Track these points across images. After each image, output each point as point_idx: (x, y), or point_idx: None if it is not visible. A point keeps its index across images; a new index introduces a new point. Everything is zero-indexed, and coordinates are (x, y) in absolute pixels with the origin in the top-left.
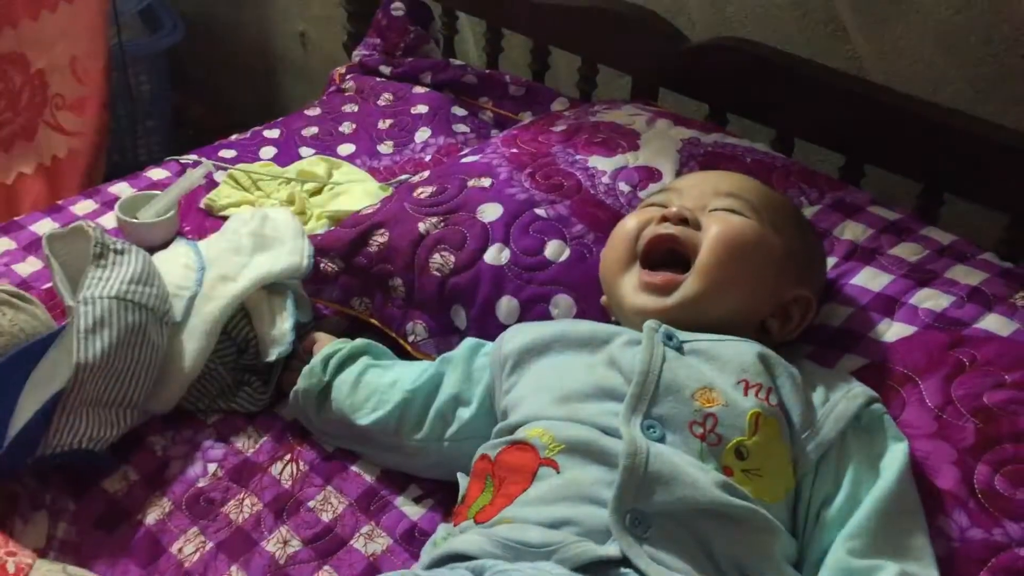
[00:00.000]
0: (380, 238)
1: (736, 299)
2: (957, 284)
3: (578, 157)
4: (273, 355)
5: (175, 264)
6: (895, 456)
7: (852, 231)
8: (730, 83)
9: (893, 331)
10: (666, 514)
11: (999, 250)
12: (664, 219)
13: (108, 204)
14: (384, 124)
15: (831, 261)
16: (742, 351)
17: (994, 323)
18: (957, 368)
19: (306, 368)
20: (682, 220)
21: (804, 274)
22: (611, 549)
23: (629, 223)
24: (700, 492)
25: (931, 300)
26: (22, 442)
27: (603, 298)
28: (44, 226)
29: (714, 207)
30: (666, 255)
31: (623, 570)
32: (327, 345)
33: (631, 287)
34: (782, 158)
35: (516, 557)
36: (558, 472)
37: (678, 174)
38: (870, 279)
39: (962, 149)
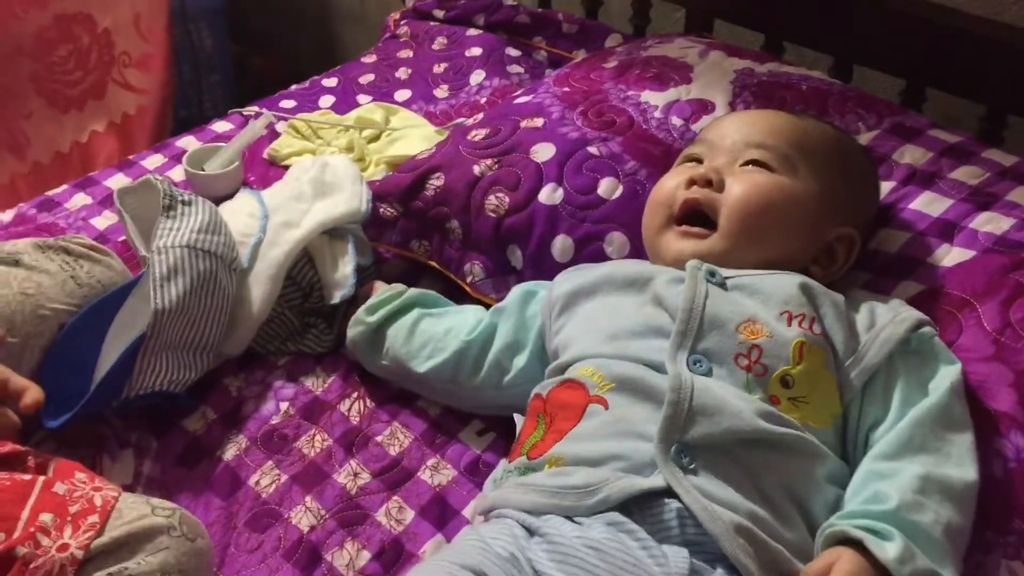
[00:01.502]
0: (436, 181)
1: (766, 252)
2: (1019, 206)
3: (630, 93)
4: (336, 298)
5: (240, 213)
6: (944, 376)
7: (911, 155)
8: (785, 10)
9: (952, 256)
10: (711, 446)
11: None
12: (692, 182)
13: (176, 157)
14: (439, 68)
15: (889, 186)
16: (784, 283)
17: None
18: (1017, 291)
19: (353, 317)
20: (707, 183)
21: (847, 211)
22: (656, 480)
23: (665, 186)
24: (744, 422)
25: (992, 223)
26: (108, 385)
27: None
28: (117, 181)
29: (744, 160)
30: (701, 213)
31: (667, 500)
32: (376, 292)
33: (670, 239)
34: (839, 84)
35: (562, 502)
36: (607, 409)
37: (731, 105)
38: (928, 204)
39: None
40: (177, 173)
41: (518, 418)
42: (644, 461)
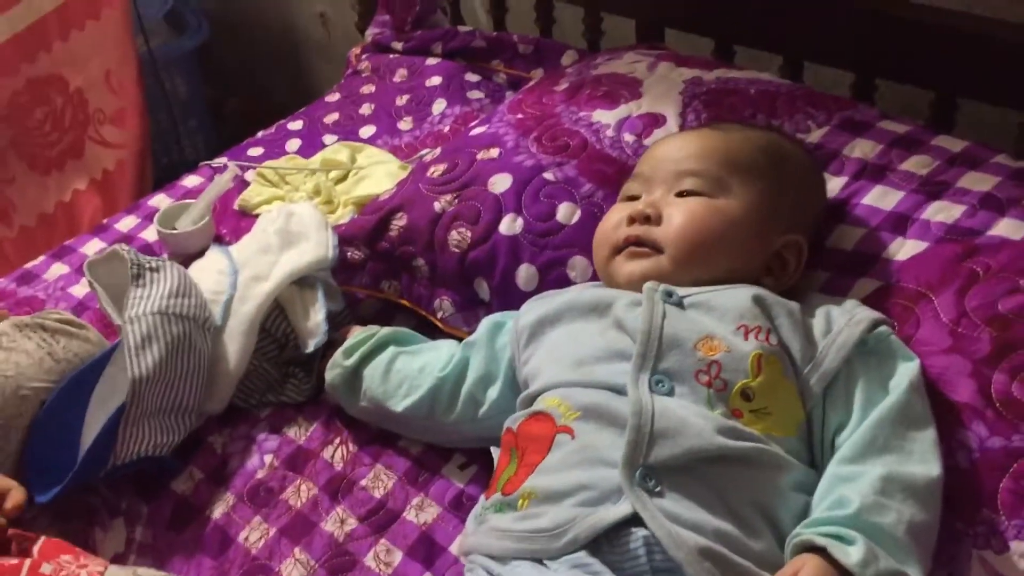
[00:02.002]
0: (399, 222)
1: (714, 272)
2: (969, 192)
3: (582, 114)
4: (310, 347)
5: (210, 271)
6: (903, 374)
7: (861, 148)
8: (733, 14)
9: (906, 249)
10: (675, 467)
11: (1015, 150)
12: (632, 220)
13: (149, 217)
14: (401, 100)
15: (841, 181)
16: (738, 297)
17: (1007, 228)
18: (971, 279)
19: (330, 361)
20: (645, 218)
21: (789, 218)
22: (622, 509)
23: (608, 223)
24: (705, 440)
25: (943, 212)
26: (94, 456)
27: None
28: (93, 247)
29: (678, 190)
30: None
31: (633, 530)
32: (352, 335)
33: (619, 264)
34: (787, 84)
35: (532, 546)
36: (573, 438)
37: (681, 116)
38: (880, 198)
39: (970, 50)
40: (151, 233)
41: (494, 451)
42: (611, 488)
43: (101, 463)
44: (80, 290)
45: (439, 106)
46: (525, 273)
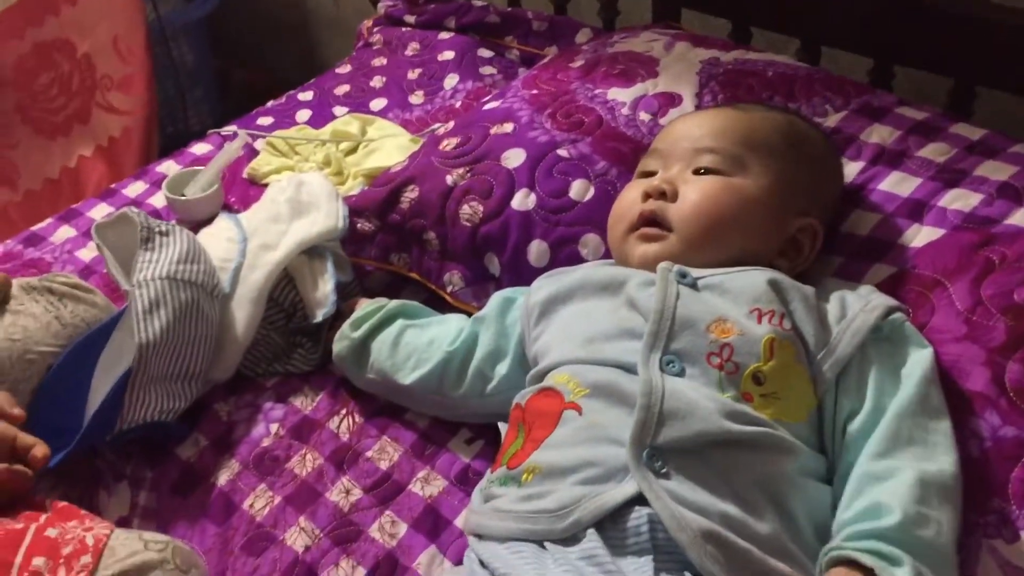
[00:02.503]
0: (410, 194)
1: (727, 252)
2: (987, 181)
3: (597, 91)
4: (318, 316)
5: (219, 239)
6: (917, 363)
7: (879, 134)
8: None
9: (922, 236)
10: (683, 449)
11: None
12: (647, 195)
13: (157, 183)
14: (413, 74)
15: (858, 166)
16: (753, 280)
17: None
18: (987, 267)
19: (338, 333)
20: (661, 194)
21: (805, 201)
22: (627, 489)
23: (623, 200)
24: (714, 424)
25: (960, 200)
26: (99, 421)
27: None
28: (100, 211)
29: (695, 167)
30: (659, 223)
31: (638, 508)
32: (360, 307)
33: (632, 245)
34: (805, 67)
35: (535, 527)
36: (581, 415)
37: (698, 96)
38: (897, 183)
39: (991, 39)
40: (159, 199)
41: (502, 427)
42: (617, 466)
43: (107, 427)
44: (87, 254)
45: (451, 80)
46: (537, 249)
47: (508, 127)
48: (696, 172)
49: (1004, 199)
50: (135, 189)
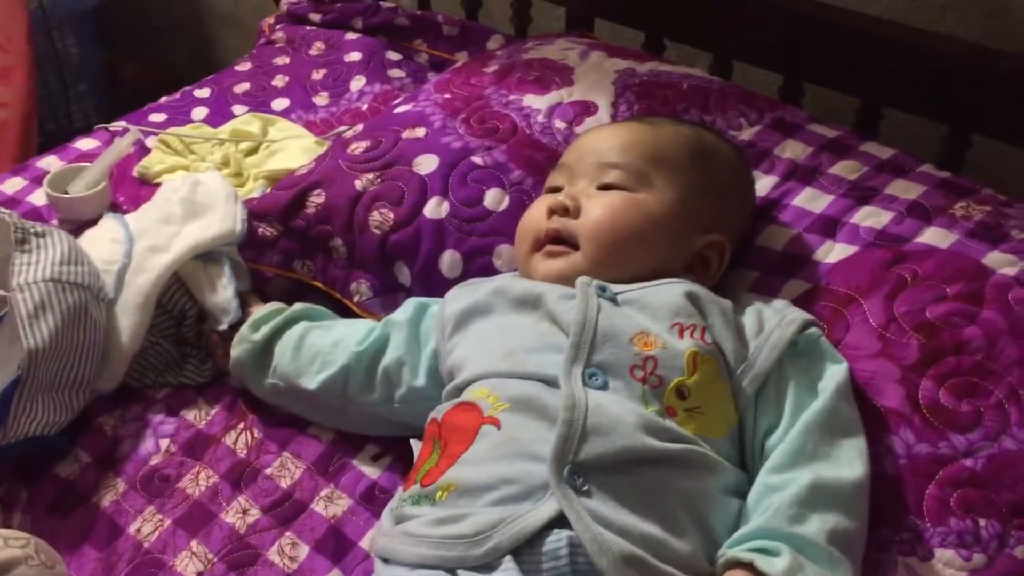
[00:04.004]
0: (317, 199)
1: (632, 269)
2: (897, 199)
3: (512, 97)
4: (224, 324)
5: (102, 240)
6: (831, 377)
7: (792, 150)
8: (665, 8)
9: (835, 252)
10: (606, 466)
11: (938, 161)
12: (552, 211)
13: (37, 180)
14: (318, 75)
15: (772, 181)
16: (671, 294)
17: (934, 236)
18: (899, 285)
19: (236, 336)
20: (564, 210)
21: (712, 217)
22: (547, 509)
23: (530, 217)
24: (637, 441)
25: (872, 218)
26: None
27: None
28: None
29: (600, 182)
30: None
31: (557, 531)
32: (258, 310)
33: (537, 262)
34: (719, 82)
35: (449, 553)
36: (499, 429)
37: (614, 106)
38: (810, 200)
39: (897, 60)
40: (40, 196)
41: (414, 444)
42: (536, 484)
43: None
44: None
45: (358, 83)
46: (449, 259)
47: (420, 132)
48: (601, 188)
49: (914, 218)
50: (12, 185)
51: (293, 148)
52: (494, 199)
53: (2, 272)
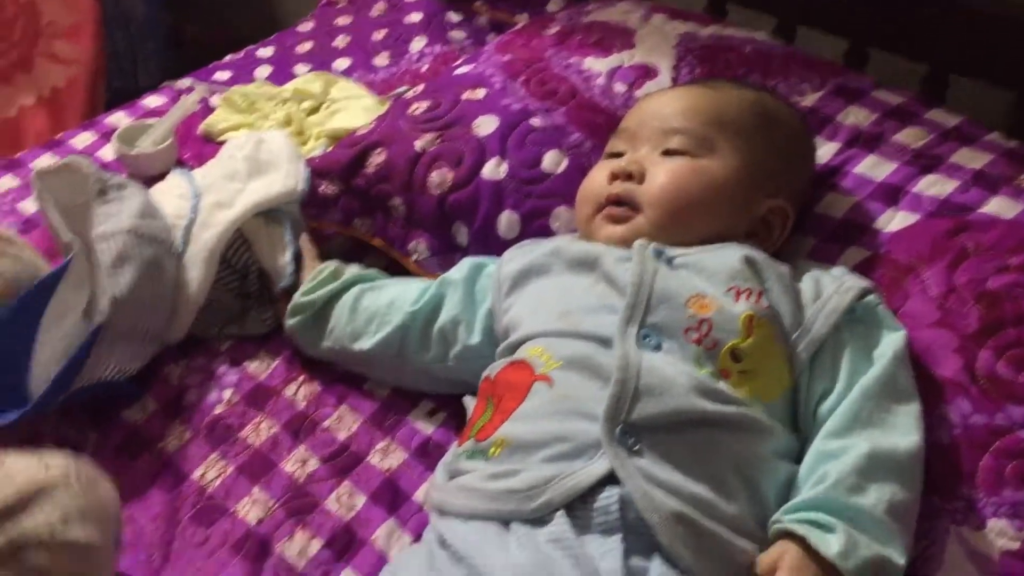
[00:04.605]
0: (377, 158)
1: (694, 234)
2: (962, 168)
3: (572, 60)
4: (279, 286)
5: (170, 195)
6: (888, 344)
7: (855, 116)
8: None
9: (896, 221)
10: (657, 426)
11: (1006, 129)
12: (614, 177)
13: (106, 135)
14: (378, 35)
15: (834, 148)
16: (729, 258)
17: (998, 206)
18: (960, 254)
19: (291, 305)
20: (628, 176)
21: (775, 183)
22: (599, 467)
23: (591, 180)
24: (690, 402)
25: (935, 186)
26: (59, 381)
27: None
28: (45, 161)
29: (663, 148)
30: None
31: (609, 488)
32: (310, 274)
33: (599, 225)
34: (781, 46)
35: (503, 507)
36: (551, 387)
37: (675, 69)
38: (873, 167)
39: (966, 26)
40: (108, 152)
41: (468, 401)
42: (587, 443)
43: (64, 387)
44: (30, 206)
45: (418, 43)
46: (507, 220)
47: (480, 93)
48: (664, 154)
49: (979, 187)
50: (82, 140)
51: (355, 107)
52: (552, 161)
53: (79, 220)
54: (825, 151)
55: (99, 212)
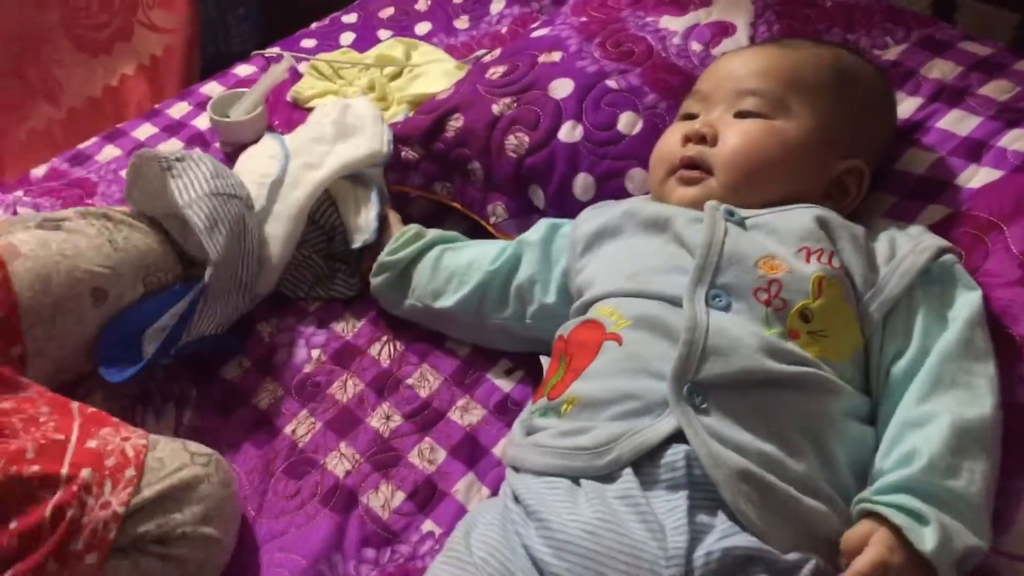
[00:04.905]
0: (456, 123)
1: (769, 195)
2: None
3: (648, 19)
4: (357, 242)
5: (261, 156)
6: (964, 305)
7: (940, 69)
8: None
9: (979, 176)
10: (725, 385)
11: None
12: (687, 139)
13: (201, 104)
14: None
15: (916, 103)
16: (801, 219)
17: None
18: None
19: (376, 264)
20: (701, 139)
21: (852, 143)
22: (666, 425)
23: (665, 142)
24: (757, 363)
25: (1020, 141)
26: (169, 339)
27: None
28: (145, 131)
29: (737, 110)
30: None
31: (676, 445)
32: (395, 235)
33: (672, 187)
34: None
35: (573, 463)
36: (621, 345)
37: (752, 27)
38: (956, 122)
39: None
40: (203, 121)
41: (544, 360)
42: (655, 400)
43: (174, 343)
44: None
45: (497, 5)
46: (582, 182)
47: (556, 56)
48: (738, 115)
49: None
50: (179, 110)
51: (435, 72)
52: (627, 123)
53: (159, 201)
54: (907, 106)
55: (174, 185)
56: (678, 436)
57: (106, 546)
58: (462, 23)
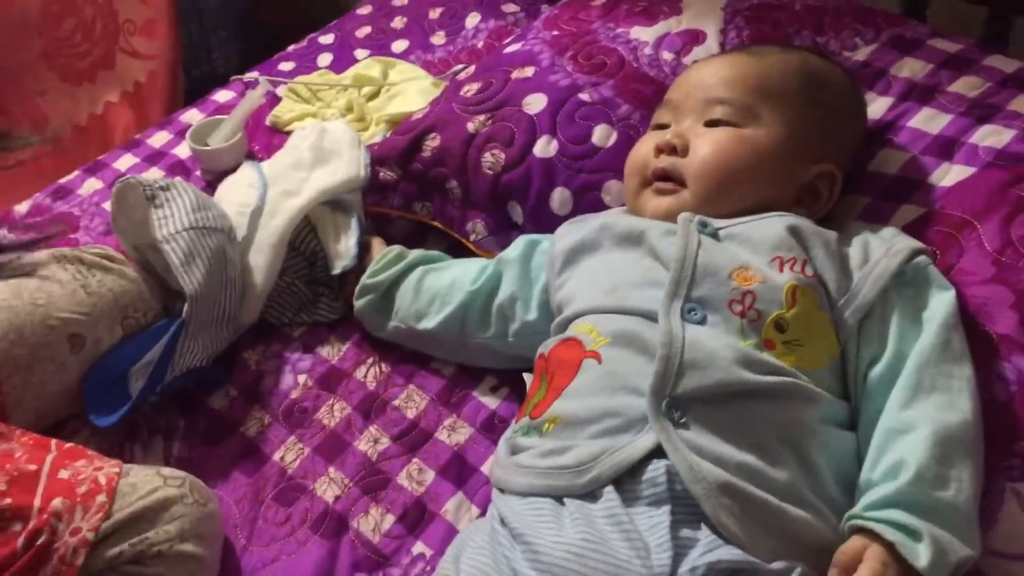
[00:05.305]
0: (432, 142)
1: (741, 204)
2: (1020, 116)
3: (620, 30)
4: (338, 269)
5: (240, 185)
6: (938, 307)
7: (910, 68)
8: None
9: (952, 174)
10: (703, 399)
11: None
12: (659, 150)
13: (181, 133)
14: (434, 14)
15: (887, 103)
16: (773, 228)
17: None
18: (1018, 206)
19: (358, 287)
20: (672, 149)
21: (822, 147)
22: (645, 441)
23: (638, 154)
24: (734, 375)
25: (992, 137)
26: (153, 377)
27: None
28: (126, 162)
29: (707, 119)
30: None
31: (655, 461)
32: (375, 259)
33: (647, 199)
34: None
35: (556, 483)
36: (600, 363)
37: (722, 33)
38: (927, 121)
39: None
40: (184, 149)
41: (527, 377)
42: (635, 417)
43: (159, 379)
44: None
45: (473, 19)
46: (559, 197)
47: (529, 71)
48: (708, 124)
49: None
50: (160, 139)
51: (411, 91)
52: (602, 135)
53: (143, 230)
54: (878, 106)
55: (156, 217)
56: (659, 452)
57: (74, 572)
58: (439, 39)
